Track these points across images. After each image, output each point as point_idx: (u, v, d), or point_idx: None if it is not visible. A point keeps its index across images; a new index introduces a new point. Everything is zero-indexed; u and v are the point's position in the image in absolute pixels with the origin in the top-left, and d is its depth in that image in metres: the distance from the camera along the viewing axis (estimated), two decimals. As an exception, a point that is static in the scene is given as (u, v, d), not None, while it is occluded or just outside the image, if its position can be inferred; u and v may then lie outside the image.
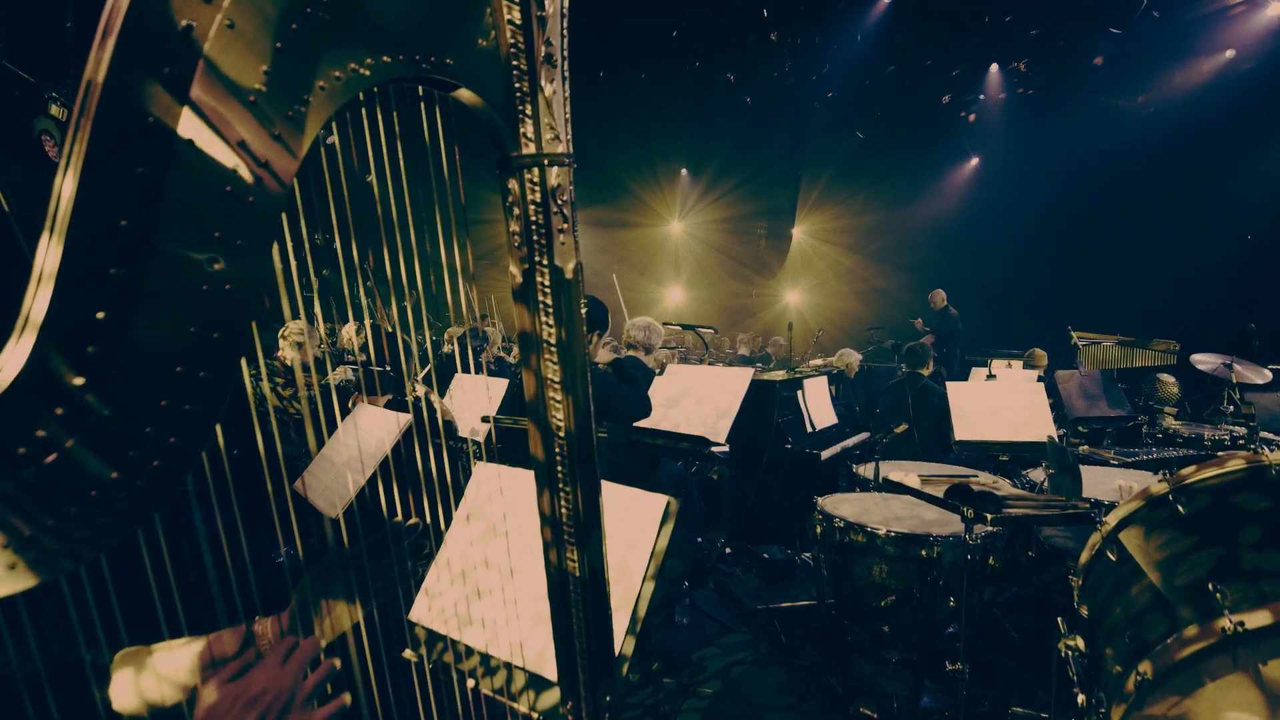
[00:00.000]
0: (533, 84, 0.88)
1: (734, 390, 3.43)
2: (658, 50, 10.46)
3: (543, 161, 0.91)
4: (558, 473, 0.99)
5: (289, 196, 0.72)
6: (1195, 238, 8.50)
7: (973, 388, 4.11)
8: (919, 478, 2.52)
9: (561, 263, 0.94)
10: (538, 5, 0.86)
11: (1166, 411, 4.90)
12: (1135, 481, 3.62)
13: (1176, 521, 1.84)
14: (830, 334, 12.90)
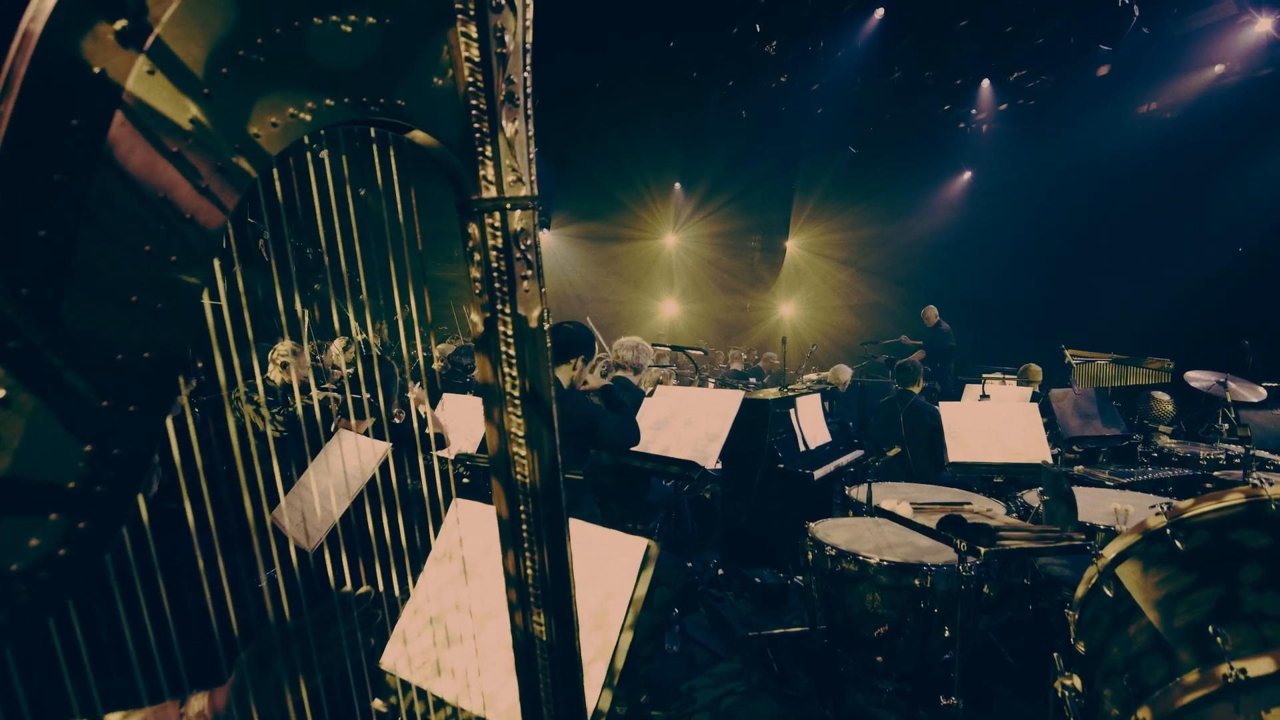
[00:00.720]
0: (493, 124, 0.83)
1: (723, 413, 3.38)
2: (650, 65, 10.46)
3: (504, 205, 0.86)
4: (522, 531, 0.94)
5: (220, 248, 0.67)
6: (1187, 253, 8.51)
7: (966, 408, 4.07)
8: (911, 506, 2.46)
9: (525, 311, 0.89)
10: (498, 42, 0.81)
11: (1161, 430, 4.87)
12: (1131, 504, 3.57)
13: (1174, 558, 1.79)
14: (824, 348, 12.88)
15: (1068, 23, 8.53)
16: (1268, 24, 8.47)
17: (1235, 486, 1.80)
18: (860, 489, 3.64)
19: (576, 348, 2.80)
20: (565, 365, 2.80)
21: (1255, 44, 8.68)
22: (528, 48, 0.85)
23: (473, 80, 0.81)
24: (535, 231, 0.90)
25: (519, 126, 0.86)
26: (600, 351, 10.45)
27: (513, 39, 0.83)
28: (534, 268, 0.89)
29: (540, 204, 0.90)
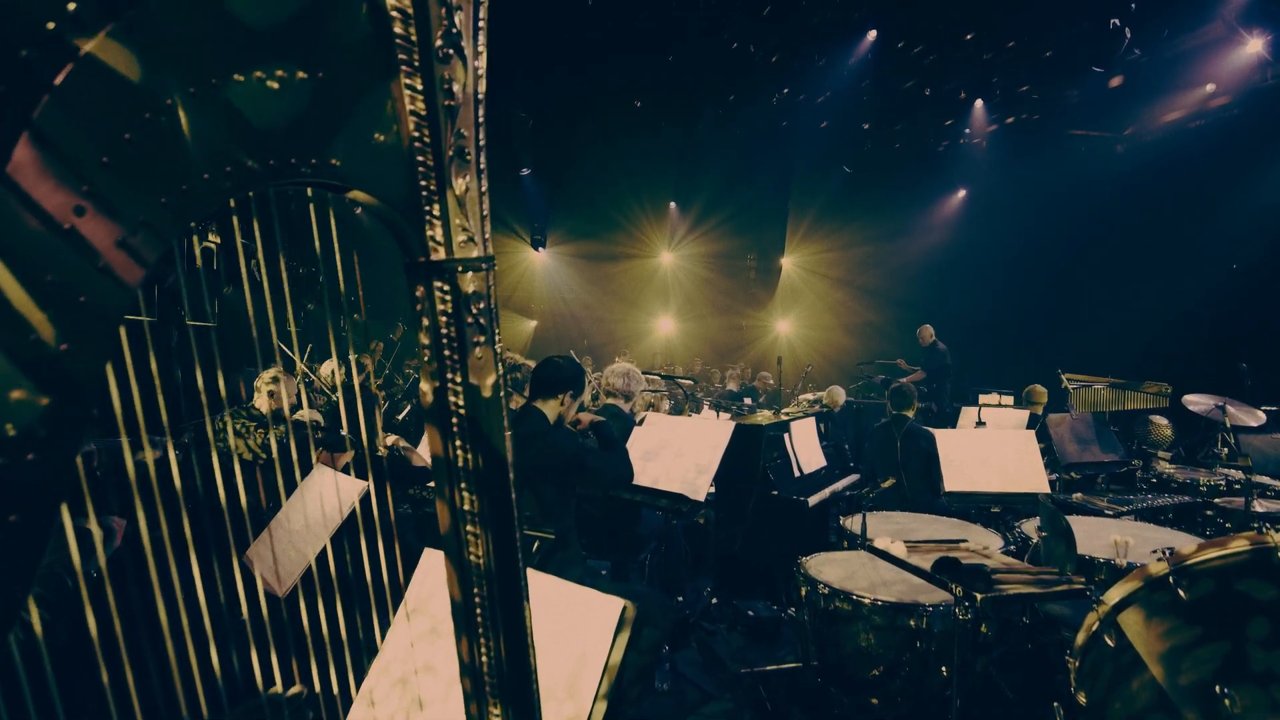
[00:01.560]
0: (441, 181, 0.77)
1: (713, 444, 3.31)
2: (644, 84, 10.49)
3: (454, 268, 0.79)
4: (477, 617, 0.86)
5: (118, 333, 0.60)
6: (1182, 274, 8.47)
7: (962, 436, 4.00)
8: (905, 545, 2.39)
9: (478, 380, 0.82)
10: (445, 94, 0.75)
11: (1160, 455, 4.80)
12: (1131, 534, 3.50)
13: (1178, 608, 1.72)
14: (820, 367, 12.82)
15: (1060, 44, 8.57)
16: (1258, 44, 8.52)
17: (1240, 532, 1.74)
18: (854, 519, 3.57)
19: (564, 383, 2.73)
20: (553, 400, 2.73)
21: (1246, 64, 8.72)
22: (480, 98, 0.79)
23: (418, 135, 0.75)
24: (490, 293, 0.83)
25: (470, 183, 0.79)
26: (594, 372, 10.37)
27: (462, 90, 0.77)
28: (488, 333, 0.83)
29: (493, 263, 0.84)
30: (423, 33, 0.73)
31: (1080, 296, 9.77)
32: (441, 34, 0.74)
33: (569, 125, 11.43)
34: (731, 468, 4.65)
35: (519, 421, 2.70)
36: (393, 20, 0.72)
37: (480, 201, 0.81)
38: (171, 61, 0.60)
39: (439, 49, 0.74)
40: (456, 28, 0.75)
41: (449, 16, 0.74)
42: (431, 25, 0.73)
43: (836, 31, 9.28)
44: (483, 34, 0.79)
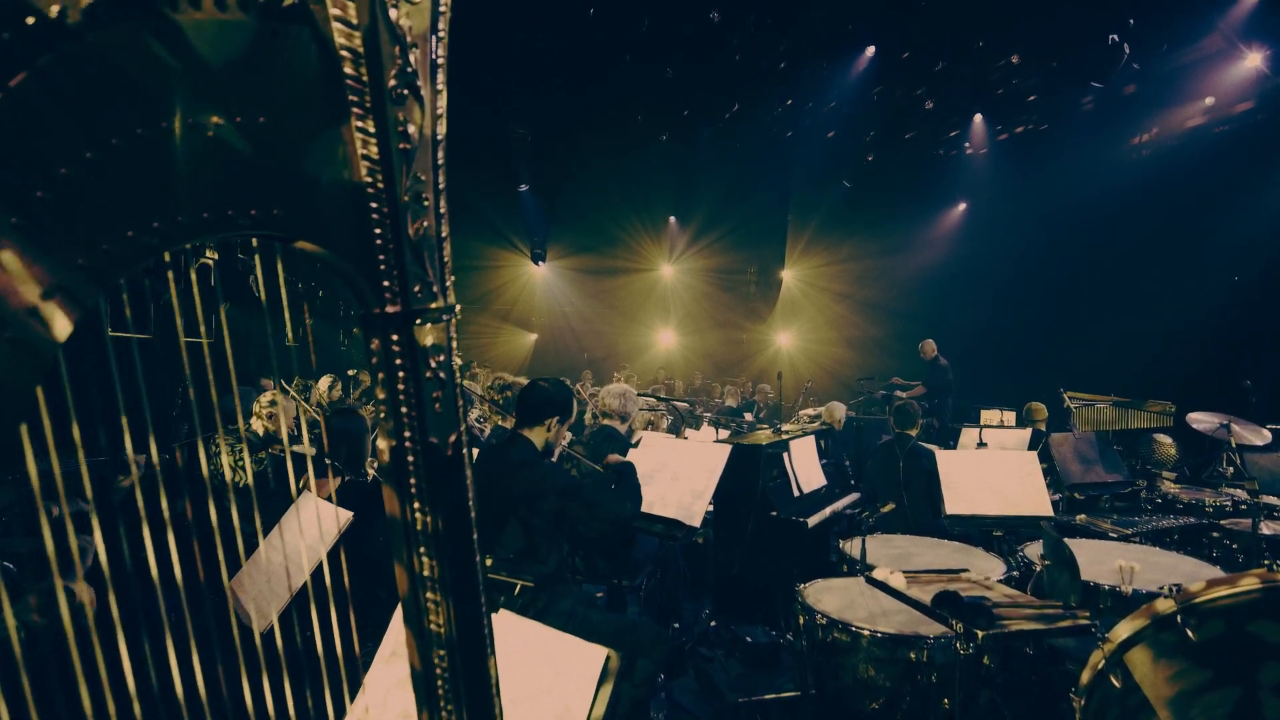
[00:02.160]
0: (395, 229, 0.72)
1: (709, 468, 3.25)
2: (642, 99, 10.49)
3: (410, 321, 0.74)
4: (438, 688, 0.81)
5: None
6: (1185, 289, 8.40)
7: (963, 457, 3.93)
8: (904, 576, 2.32)
9: (438, 437, 0.77)
10: (401, 137, 0.71)
11: (1165, 475, 4.73)
12: (1136, 559, 3.42)
13: (1187, 649, 1.66)
14: (821, 381, 12.76)
15: (1059, 59, 8.57)
16: (1257, 59, 8.51)
17: (1250, 570, 1.68)
18: (854, 543, 3.50)
19: (551, 408, 2.67)
20: (539, 427, 2.67)
21: (1245, 78, 8.71)
22: (439, 139, 0.75)
23: (371, 180, 0.71)
24: (451, 344, 0.79)
25: (429, 229, 0.75)
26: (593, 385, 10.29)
27: (419, 132, 0.72)
28: (446, 387, 0.78)
29: (455, 312, 0.79)
30: (374, 73, 0.69)
31: (1081, 311, 9.71)
32: (395, 74, 0.70)
33: (568, 141, 11.44)
34: (730, 488, 4.58)
35: (506, 450, 2.64)
36: (342, 60, 0.68)
37: (439, 248, 0.76)
38: (91, 111, 0.56)
39: (393, 90, 0.70)
40: (412, 67, 0.71)
41: (403, 55, 0.70)
42: (384, 65, 0.69)
43: (835, 47, 9.30)
44: (442, 72, 0.75)
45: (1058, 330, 9.81)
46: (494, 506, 2.53)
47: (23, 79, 0.52)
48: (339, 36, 0.67)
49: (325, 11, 0.67)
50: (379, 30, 0.68)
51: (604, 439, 4.04)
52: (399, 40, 0.69)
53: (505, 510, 2.49)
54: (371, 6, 0.67)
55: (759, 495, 4.64)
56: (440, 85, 0.74)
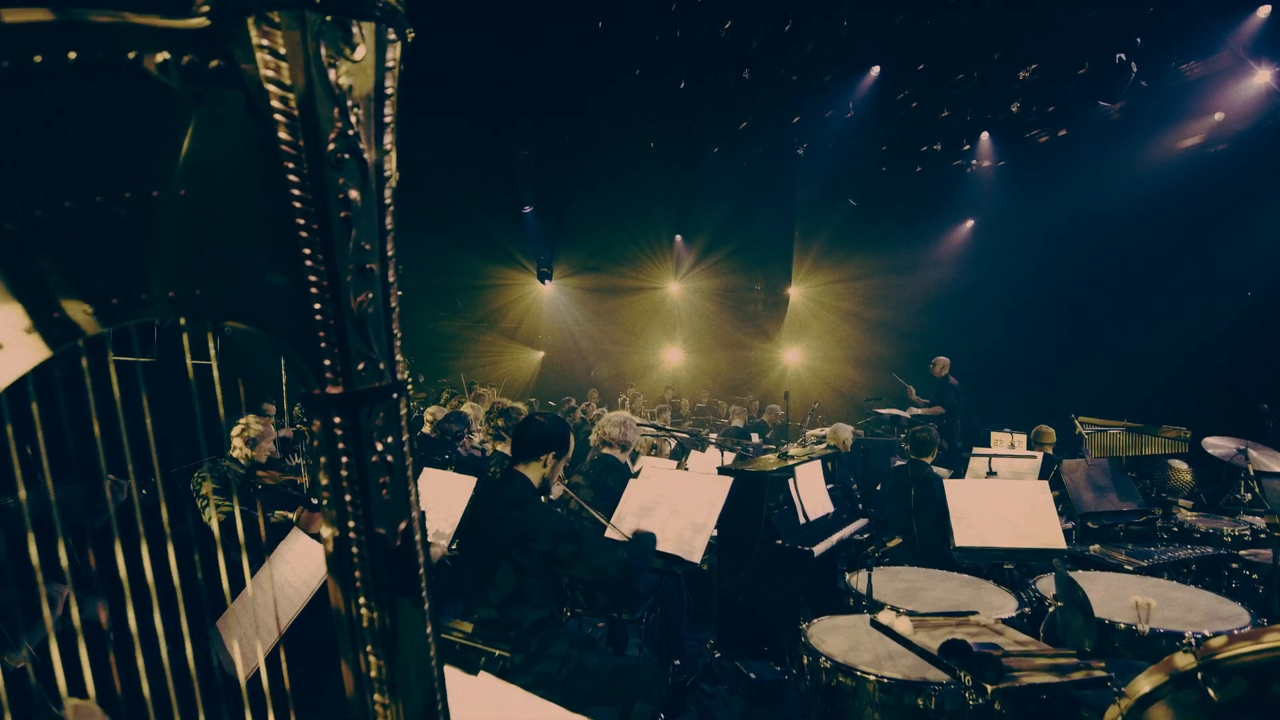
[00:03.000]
0: (336, 303, 0.66)
1: (710, 501, 3.16)
2: (647, 120, 10.50)
3: (355, 402, 0.68)
4: (387, 802, 0.74)
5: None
6: (1199, 312, 8.24)
7: (972, 486, 3.83)
8: (910, 621, 2.23)
9: (385, 527, 0.71)
10: (341, 205, 0.65)
11: (1181, 504, 4.60)
12: (1153, 593, 3.31)
13: (1209, 710, 1.56)
14: (829, 400, 12.64)
15: (1066, 79, 8.52)
16: (1266, 75, 8.44)
17: (1274, 626, 1.59)
18: (860, 576, 3.40)
19: (547, 444, 2.59)
20: (535, 463, 2.59)
21: (1255, 94, 8.63)
22: (387, 204, 0.69)
23: (309, 252, 0.65)
24: (402, 423, 0.72)
25: (375, 301, 0.69)
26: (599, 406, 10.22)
27: (363, 198, 0.66)
28: (395, 471, 0.71)
29: (405, 389, 0.73)
30: (311, 137, 0.63)
31: (1092, 331, 9.58)
32: (335, 137, 0.64)
33: (572, 162, 11.45)
34: (734, 515, 4.49)
35: (501, 487, 2.57)
36: (276, 125, 0.62)
37: (388, 321, 0.70)
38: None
39: (332, 154, 0.64)
40: (354, 129, 0.65)
41: (344, 116, 0.64)
42: (322, 128, 0.63)
43: (840, 67, 9.28)
44: (390, 132, 0.69)
45: (1068, 350, 9.68)
46: (487, 546, 2.47)
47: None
48: (273, 100, 0.62)
49: (257, 73, 0.61)
50: (315, 92, 0.62)
51: (605, 468, 3.97)
52: (338, 101, 0.64)
53: (498, 551, 2.41)
54: (307, 67, 0.62)
55: (763, 523, 4.55)
56: (389, 145, 0.69)
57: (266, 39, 0.61)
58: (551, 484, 2.62)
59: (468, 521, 2.63)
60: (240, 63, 0.62)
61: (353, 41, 0.64)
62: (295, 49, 0.61)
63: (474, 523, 2.60)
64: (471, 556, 2.58)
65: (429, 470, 4.23)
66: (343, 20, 0.63)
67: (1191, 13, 7.63)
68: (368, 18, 0.64)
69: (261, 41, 0.61)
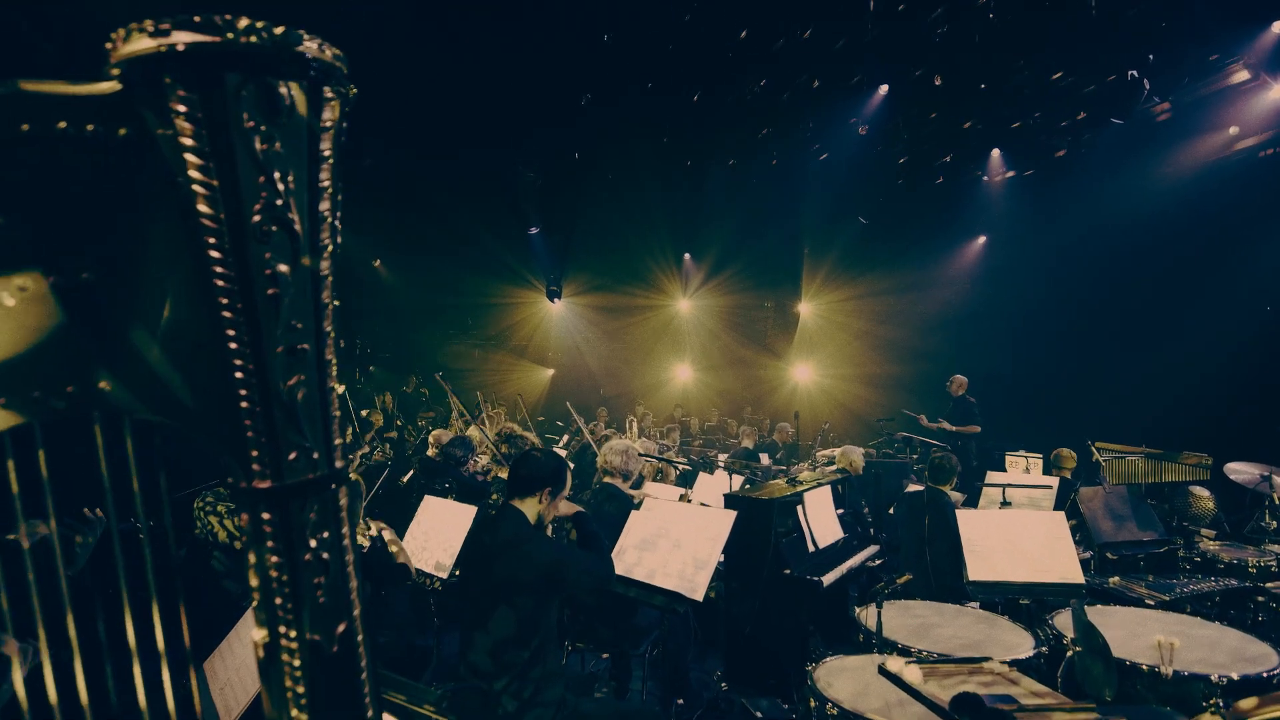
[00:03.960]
0: (263, 389, 0.60)
1: (713, 536, 3.08)
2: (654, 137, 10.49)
3: (286, 496, 0.62)
4: None
5: None
6: (1219, 333, 8.03)
7: (985, 518, 3.71)
8: (920, 670, 2.13)
9: (321, 632, 0.64)
10: (267, 281, 0.59)
11: (1203, 533, 4.46)
12: (1176, 631, 3.19)
13: (1241, 780, 1.46)
14: (840, 419, 12.49)
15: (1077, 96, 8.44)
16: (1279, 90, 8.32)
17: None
18: (869, 611, 3.29)
19: (543, 480, 2.53)
20: (530, 499, 2.53)
21: (1270, 109, 8.51)
22: (324, 275, 0.63)
23: (232, 334, 0.59)
24: (341, 515, 0.66)
25: (308, 384, 0.62)
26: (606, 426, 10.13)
27: (293, 272, 0.60)
28: (332, 570, 0.65)
29: (346, 477, 0.67)
30: (232, 208, 0.57)
31: (1108, 351, 9.37)
32: (260, 208, 0.58)
33: (578, 181, 11.46)
34: (741, 543, 4.40)
35: (497, 524, 2.50)
36: (194, 196, 0.56)
37: (324, 404, 0.64)
38: None
39: (257, 226, 0.58)
40: (281, 198, 0.59)
41: (270, 185, 0.58)
42: (244, 198, 0.57)
43: (849, 85, 9.25)
44: (327, 199, 0.63)
45: (1083, 372, 9.48)
46: (482, 587, 2.40)
47: None
48: (191, 169, 0.56)
49: (174, 139, 0.56)
50: (237, 160, 0.57)
51: (606, 497, 3.90)
52: (263, 169, 0.58)
53: (492, 594, 2.34)
54: (228, 133, 0.56)
55: (770, 552, 4.45)
56: (324, 213, 0.63)
57: (183, 104, 0.55)
58: (548, 520, 2.55)
59: (465, 556, 2.56)
60: (155, 129, 0.56)
61: (279, 104, 0.58)
62: (214, 114, 0.56)
63: (470, 559, 2.53)
64: (467, 594, 2.51)
65: (429, 499, 4.17)
66: (266, 82, 0.57)
67: (1205, 28, 7.55)
68: (296, 78, 0.59)
69: (177, 107, 0.55)
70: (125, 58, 0.55)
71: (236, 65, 0.56)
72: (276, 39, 0.57)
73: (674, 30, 7.83)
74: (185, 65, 0.55)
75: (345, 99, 0.64)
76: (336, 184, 0.65)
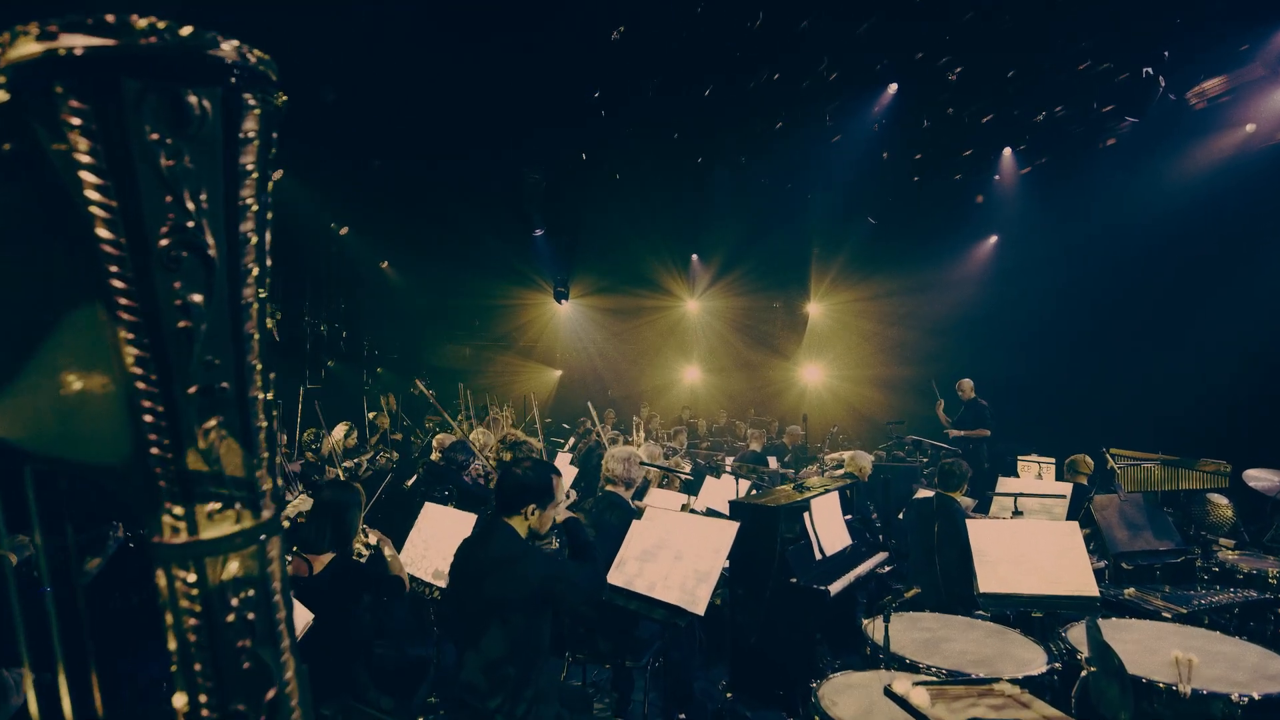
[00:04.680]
0: (175, 434, 0.54)
1: (715, 548, 3.00)
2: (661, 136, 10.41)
3: (201, 551, 0.55)
4: None
5: None
6: (1237, 335, 7.83)
7: (997, 529, 3.62)
8: (927, 693, 2.05)
9: (245, 700, 0.58)
10: (179, 313, 0.53)
11: (1222, 542, 4.34)
12: (1195, 646, 3.09)
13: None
14: (849, 422, 12.38)
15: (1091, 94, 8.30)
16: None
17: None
18: (877, 625, 3.21)
19: (528, 495, 2.45)
20: (517, 516, 2.45)
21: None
22: (247, 303, 0.57)
23: (139, 373, 0.52)
24: (269, 571, 0.59)
25: (229, 426, 0.56)
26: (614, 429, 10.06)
27: (209, 300, 0.54)
28: (256, 632, 0.58)
29: (275, 528, 0.60)
30: (135, 232, 0.51)
31: (1123, 354, 9.17)
32: (168, 231, 0.52)
33: (583, 182, 11.40)
34: (746, 550, 4.32)
35: (486, 542, 2.43)
36: (93, 220, 0.50)
37: (251, 447, 0.57)
38: None
39: (164, 251, 0.52)
40: (193, 220, 0.53)
41: (178, 206, 0.52)
42: (148, 221, 0.51)
43: (858, 84, 9.13)
44: (251, 216, 0.57)
45: (1098, 375, 9.30)
46: (472, 607, 2.33)
47: None
48: (88, 190, 0.50)
49: (68, 155, 0.49)
50: (139, 177, 0.50)
51: (607, 506, 3.83)
52: (170, 187, 0.51)
53: (484, 613, 2.27)
54: (128, 147, 0.50)
55: (776, 561, 4.37)
56: (248, 234, 0.57)
57: (76, 116, 0.49)
58: (541, 530, 2.48)
59: (455, 572, 2.49)
60: (49, 144, 0.50)
61: (188, 114, 0.52)
62: (111, 126, 0.49)
63: (460, 576, 2.46)
64: (458, 612, 2.44)
65: (429, 506, 4.12)
66: (172, 89, 0.51)
67: (1220, 25, 7.41)
68: (209, 84, 0.52)
69: (70, 119, 0.49)
70: (10, 64, 0.49)
71: (136, 71, 0.49)
72: (183, 41, 0.51)
73: (686, 22, 7.70)
74: (77, 72, 0.48)
75: (272, 108, 0.58)
76: (264, 201, 0.58)
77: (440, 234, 12.16)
